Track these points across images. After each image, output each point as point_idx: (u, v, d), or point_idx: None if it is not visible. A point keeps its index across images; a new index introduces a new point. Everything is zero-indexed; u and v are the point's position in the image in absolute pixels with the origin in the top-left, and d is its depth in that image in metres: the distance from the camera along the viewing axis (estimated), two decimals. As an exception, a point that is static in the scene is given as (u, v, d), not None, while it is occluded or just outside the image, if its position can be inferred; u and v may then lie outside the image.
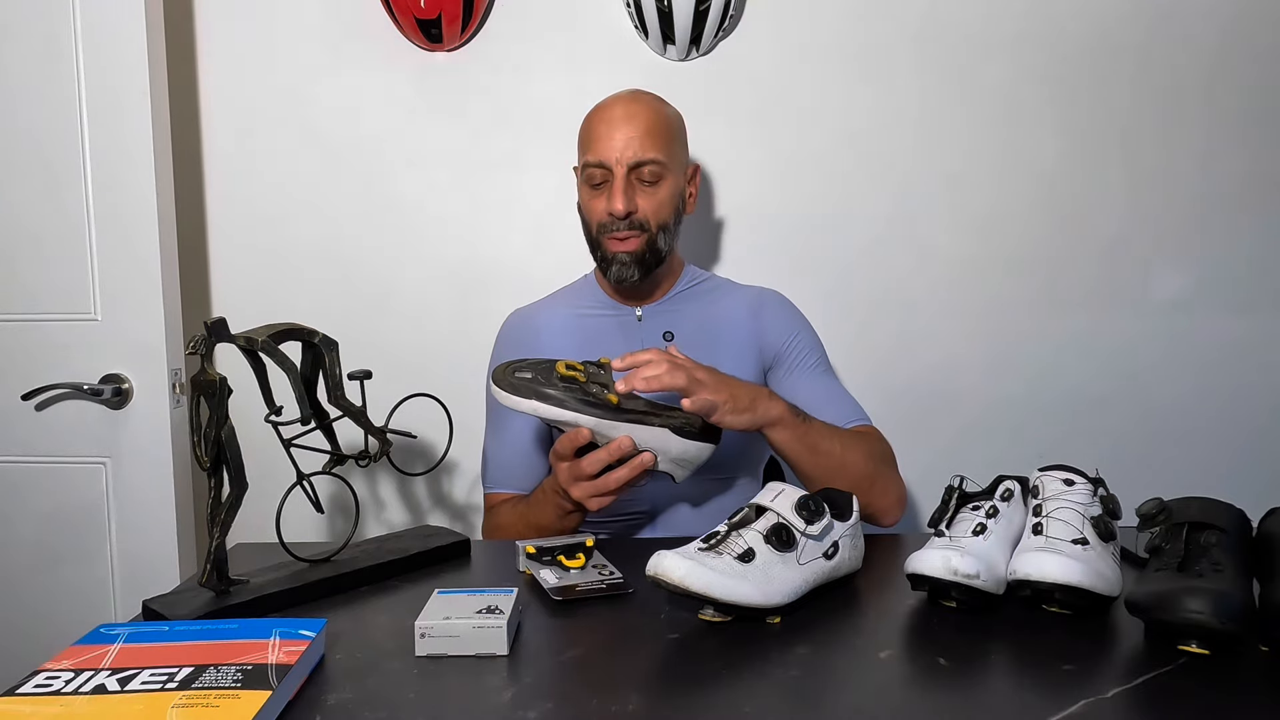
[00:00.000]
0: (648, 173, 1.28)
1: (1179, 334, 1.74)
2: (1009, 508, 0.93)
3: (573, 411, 1.04)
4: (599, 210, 1.30)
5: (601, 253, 1.33)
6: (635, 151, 1.27)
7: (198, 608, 0.89)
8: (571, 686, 0.74)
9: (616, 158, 1.27)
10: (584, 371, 1.07)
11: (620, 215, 1.27)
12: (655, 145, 1.28)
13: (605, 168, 1.28)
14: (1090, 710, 0.68)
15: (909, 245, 1.73)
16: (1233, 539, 0.84)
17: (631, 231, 1.29)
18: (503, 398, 1.05)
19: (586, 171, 1.31)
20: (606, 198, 1.29)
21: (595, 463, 1.06)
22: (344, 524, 1.63)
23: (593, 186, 1.31)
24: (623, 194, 1.27)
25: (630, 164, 1.27)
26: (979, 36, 1.68)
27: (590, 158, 1.30)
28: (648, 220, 1.29)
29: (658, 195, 1.30)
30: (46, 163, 1.45)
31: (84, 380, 1.45)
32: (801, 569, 0.88)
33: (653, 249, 1.31)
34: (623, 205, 1.27)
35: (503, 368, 1.09)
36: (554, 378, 1.06)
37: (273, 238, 1.72)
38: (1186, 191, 1.72)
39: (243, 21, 1.69)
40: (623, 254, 1.30)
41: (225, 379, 0.93)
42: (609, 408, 1.05)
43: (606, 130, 1.29)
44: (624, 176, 1.27)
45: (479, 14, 1.64)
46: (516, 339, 1.40)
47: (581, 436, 1.06)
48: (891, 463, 1.26)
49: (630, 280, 1.31)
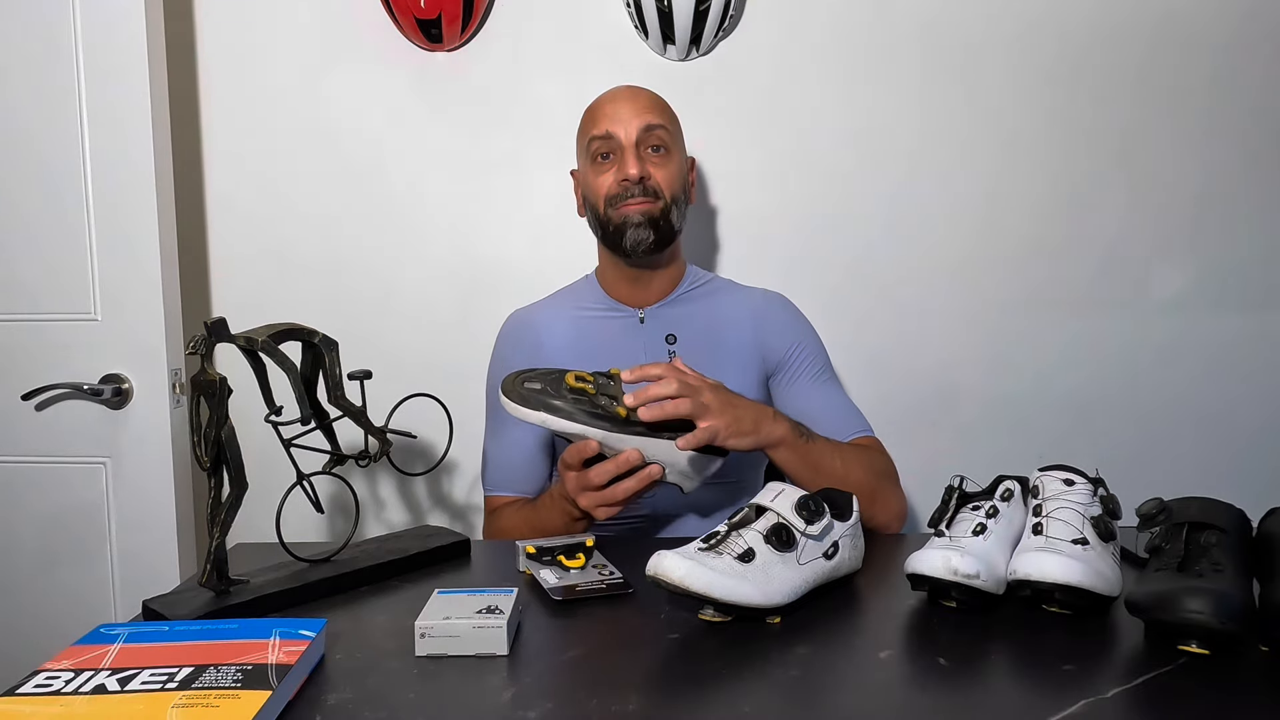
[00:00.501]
0: (656, 139, 1.29)
1: (1179, 334, 1.74)
2: (1009, 508, 0.93)
3: (581, 424, 1.04)
4: (608, 182, 1.29)
5: (614, 225, 1.30)
6: (643, 121, 1.28)
7: (198, 608, 0.89)
8: (571, 686, 0.74)
9: (625, 127, 1.28)
10: (593, 383, 1.06)
11: (635, 180, 1.27)
12: (661, 115, 1.31)
13: (612, 138, 1.28)
14: (1090, 710, 0.68)
15: (909, 245, 1.73)
16: (1233, 539, 0.84)
17: (645, 197, 1.28)
18: (512, 409, 1.05)
19: (592, 146, 1.30)
20: (617, 167, 1.29)
21: (603, 474, 1.06)
22: (344, 524, 1.63)
23: (600, 161, 1.30)
24: (635, 160, 1.27)
25: (639, 131, 1.27)
26: (980, 37, 1.68)
27: (596, 131, 1.29)
28: (660, 188, 1.29)
29: (668, 165, 1.30)
30: (46, 163, 1.45)
31: (84, 380, 1.45)
32: (801, 569, 0.88)
33: (665, 218, 1.29)
34: (637, 170, 1.26)
35: (512, 378, 1.08)
36: (563, 389, 1.05)
37: (273, 238, 1.72)
38: (1187, 191, 1.72)
39: (243, 21, 1.69)
40: (636, 214, 1.28)
41: (225, 379, 0.93)
42: (617, 421, 1.04)
43: (612, 108, 1.30)
44: (633, 146, 1.28)
45: (479, 14, 1.64)
46: (517, 340, 1.39)
47: (590, 449, 1.06)
48: (893, 477, 1.27)
49: (645, 243, 1.28)
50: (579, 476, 1.08)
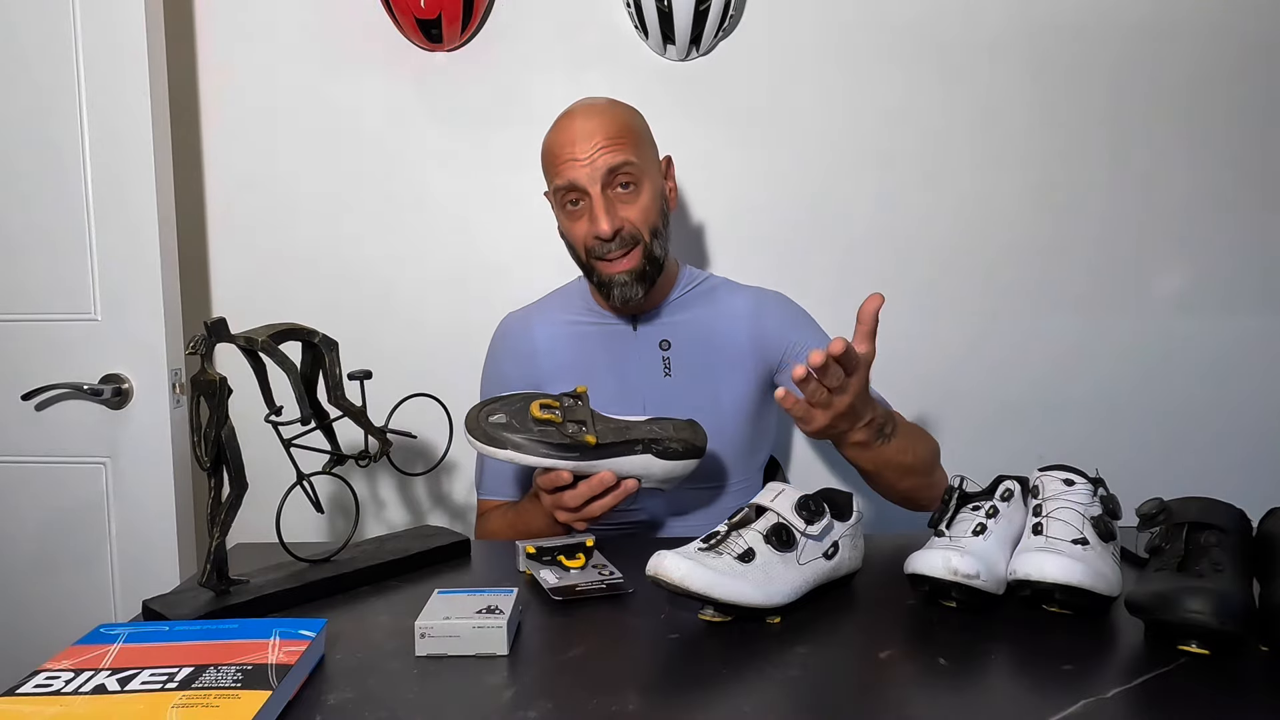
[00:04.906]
0: (623, 177, 1.20)
1: (1179, 334, 1.74)
2: (1009, 508, 0.93)
3: (550, 459, 1.02)
4: (583, 234, 1.23)
5: (598, 277, 1.25)
6: (604, 161, 1.19)
7: (198, 608, 0.89)
8: (571, 686, 0.74)
9: (588, 175, 1.19)
10: (560, 408, 1.04)
11: (608, 236, 1.20)
12: (623, 148, 1.20)
13: (579, 189, 1.20)
14: (1090, 710, 0.68)
15: (910, 245, 1.72)
16: (1233, 539, 0.84)
17: (623, 250, 1.21)
18: (477, 446, 1.04)
19: (559, 196, 1.24)
20: (588, 219, 1.21)
21: (578, 498, 1.06)
22: (344, 524, 1.63)
23: (570, 210, 1.24)
24: (605, 213, 1.19)
25: (603, 175, 1.19)
26: (981, 37, 1.68)
27: (559, 182, 1.22)
28: (638, 230, 1.22)
29: (640, 201, 1.22)
30: (47, 163, 1.45)
31: (84, 380, 1.45)
32: (801, 569, 0.88)
33: (650, 260, 1.24)
34: (608, 225, 1.19)
35: (475, 412, 1.06)
36: (528, 422, 1.03)
37: (273, 238, 1.72)
38: (1187, 191, 1.71)
39: (243, 21, 1.69)
40: (620, 275, 1.23)
41: (225, 379, 0.93)
42: (586, 449, 1.03)
43: (570, 149, 1.20)
44: (600, 194, 1.19)
45: (479, 14, 1.64)
46: (512, 349, 1.38)
47: (562, 479, 1.05)
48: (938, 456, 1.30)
49: (636, 299, 1.24)
50: (554, 498, 1.08)
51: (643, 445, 1.06)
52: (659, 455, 1.06)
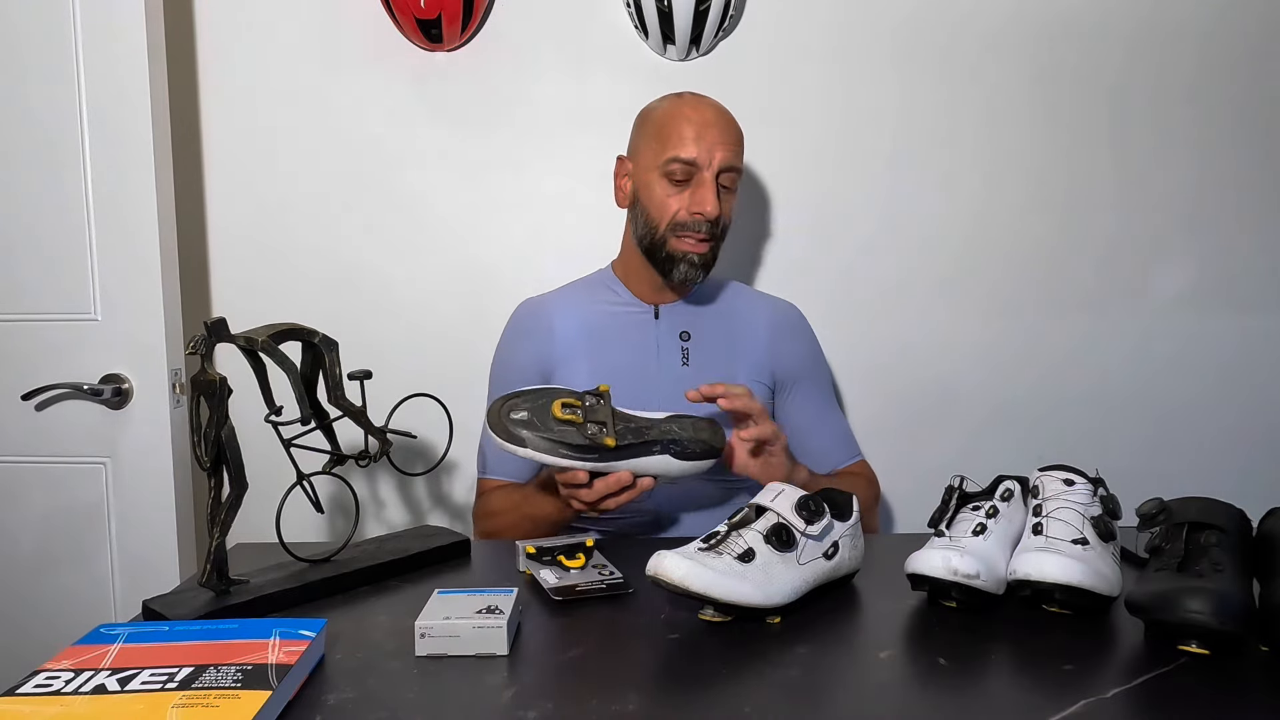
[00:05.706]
0: (726, 179, 1.29)
1: (1179, 334, 1.74)
2: (1009, 508, 0.93)
3: (570, 460, 1.03)
4: (676, 208, 1.28)
5: (667, 251, 1.30)
6: (726, 157, 1.27)
7: (198, 608, 0.89)
8: (571, 686, 0.74)
9: (709, 160, 1.26)
10: (582, 408, 1.05)
11: (713, 218, 1.27)
12: (738, 155, 1.31)
13: (696, 166, 1.27)
14: (1090, 710, 0.68)
15: (910, 246, 1.72)
16: (1233, 539, 0.84)
17: (709, 236, 1.29)
18: (497, 442, 1.04)
19: (669, 166, 1.27)
20: (691, 196, 1.27)
21: (595, 494, 1.07)
22: (344, 524, 1.63)
23: (673, 182, 1.28)
24: (716, 199, 1.26)
25: (719, 167, 1.27)
26: (982, 38, 1.68)
27: (681, 154, 1.26)
28: (725, 227, 1.31)
29: (730, 204, 1.32)
30: (47, 163, 1.45)
31: (84, 380, 1.45)
32: (801, 569, 0.88)
33: (715, 254, 1.32)
34: (715, 209, 1.26)
35: (497, 406, 1.06)
36: (550, 421, 1.03)
37: (273, 238, 1.72)
38: (1188, 190, 1.71)
39: (242, 21, 1.68)
40: (694, 255, 1.29)
41: (225, 379, 0.93)
42: (606, 450, 1.03)
43: (699, 130, 1.27)
44: (714, 180, 1.27)
45: (479, 14, 1.64)
46: (528, 330, 1.39)
47: (580, 478, 1.05)
48: (876, 503, 1.41)
49: (695, 280, 1.31)
50: (571, 491, 1.09)
51: (661, 446, 1.06)
52: (677, 456, 1.07)
